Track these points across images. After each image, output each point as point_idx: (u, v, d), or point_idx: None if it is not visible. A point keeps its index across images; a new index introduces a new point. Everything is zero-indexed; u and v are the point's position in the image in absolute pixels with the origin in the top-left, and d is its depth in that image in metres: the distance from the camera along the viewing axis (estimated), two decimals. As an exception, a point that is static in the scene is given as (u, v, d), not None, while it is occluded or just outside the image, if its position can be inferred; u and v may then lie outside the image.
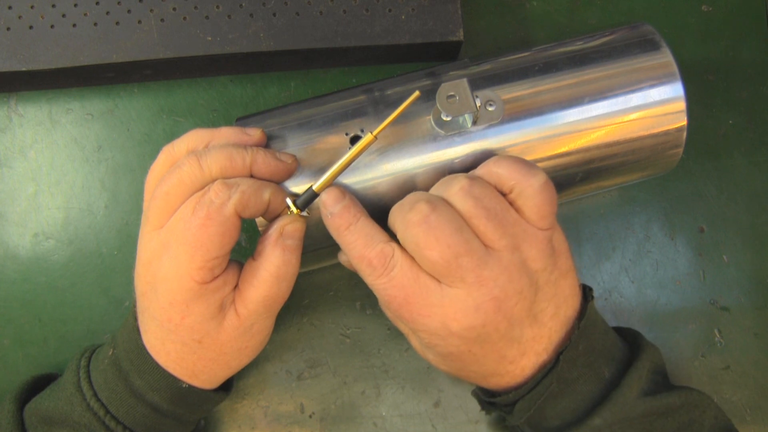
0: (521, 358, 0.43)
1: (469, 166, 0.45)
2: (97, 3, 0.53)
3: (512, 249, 0.40)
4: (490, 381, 0.44)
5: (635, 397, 0.43)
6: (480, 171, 0.43)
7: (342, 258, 0.47)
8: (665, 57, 0.47)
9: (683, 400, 0.44)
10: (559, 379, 0.43)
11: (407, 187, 0.45)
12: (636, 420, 0.43)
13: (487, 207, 0.40)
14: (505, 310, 0.40)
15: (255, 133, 0.44)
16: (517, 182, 0.41)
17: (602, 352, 0.45)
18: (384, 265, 0.41)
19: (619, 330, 0.49)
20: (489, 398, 0.47)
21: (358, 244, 0.42)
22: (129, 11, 0.53)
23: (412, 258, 0.41)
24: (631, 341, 0.48)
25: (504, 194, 0.42)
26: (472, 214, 0.40)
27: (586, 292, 0.46)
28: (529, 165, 0.42)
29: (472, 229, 0.40)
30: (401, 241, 0.41)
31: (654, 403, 0.43)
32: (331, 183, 0.42)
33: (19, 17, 0.52)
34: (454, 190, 0.41)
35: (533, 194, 0.41)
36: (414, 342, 0.46)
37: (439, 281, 0.40)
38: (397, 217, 0.42)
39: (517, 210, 0.42)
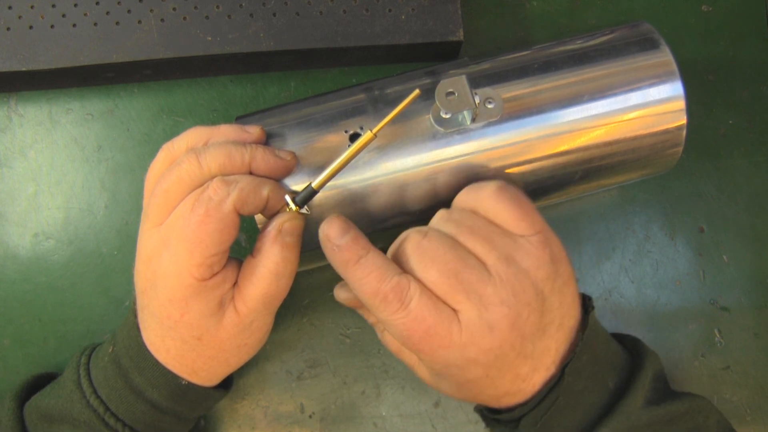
0: (533, 374, 0.42)
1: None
2: (97, 3, 0.53)
3: (505, 260, 0.39)
4: (503, 401, 0.43)
5: (640, 407, 0.43)
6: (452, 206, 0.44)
7: (341, 296, 0.47)
8: (665, 55, 0.47)
9: (687, 407, 0.44)
10: (565, 392, 0.42)
11: (406, 184, 0.45)
12: (642, 429, 0.42)
13: (468, 225, 0.41)
14: (519, 325, 0.39)
15: (254, 131, 0.44)
16: (475, 201, 0.42)
17: (605, 362, 0.45)
18: (401, 298, 0.39)
19: (618, 337, 0.49)
20: (493, 415, 0.46)
21: (370, 278, 0.39)
22: (129, 11, 0.53)
23: (427, 288, 0.39)
24: (631, 348, 0.48)
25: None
26: (455, 233, 0.40)
27: (586, 302, 0.45)
28: (478, 183, 0.43)
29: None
30: (410, 273, 0.40)
31: (659, 411, 0.43)
32: (330, 180, 0.42)
33: (19, 17, 0.52)
34: (434, 220, 0.42)
35: (493, 204, 0.41)
36: (422, 373, 0.45)
37: (450, 306, 0.39)
38: (396, 255, 0.42)
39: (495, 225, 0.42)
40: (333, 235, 0.40)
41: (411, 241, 0.40)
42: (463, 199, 0.43)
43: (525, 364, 0.41)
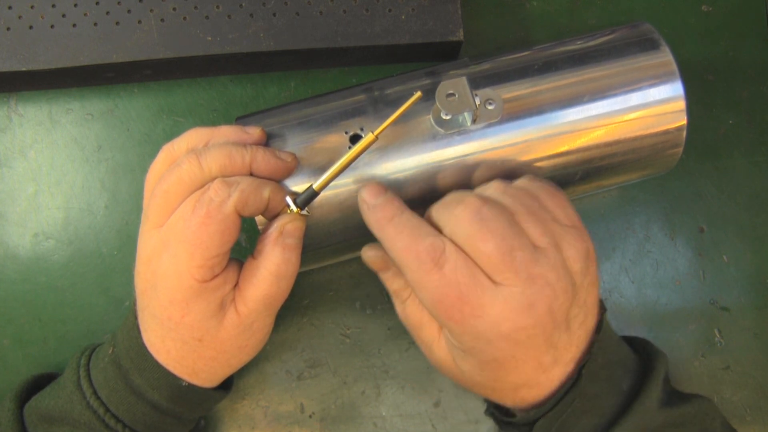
0: (554, 366, 0.41)
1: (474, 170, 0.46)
2: (97, 3, 0.53)
3: (554, 247, 0.40)
4: (519, 393, 0.42)
5: (655, 408, 0.42)
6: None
7: (368, 253, 0.46)
8: (665, 56, 0.47)
9: (697, 409, 0.44)
10: (581, 395, 0.42)
11: (407, 185, 0.45)
12: (656, 431, 0.42)
13: (527, 204, 0.40)
14: (554, 310, 0.39)
15: (255, 132, 0.44)
16: (531, 184, 0.42)
17: (619, 364, 0.44)
18: (435, 259, 0.38)
19: (627, 339, 0.49)
20: (506, 417, 0.46)
21: (404, 236, 0.39)
22: (129, 11, 0.53)
23: (465, 253, 0.39)
24: (640, 350, 0.48)
25: None
26: (514, 210, 0.40)
27: (600, 304, 0.45)
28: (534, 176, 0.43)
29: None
30: (450, 237, 0.40)
31: (672, 413, 0.43)
32: (331, 182, 0.42)
33: (19, 17, 0.52)
34: (491, 190, 0.41)
35: (549, 190, 0.42)
36: (438, 353, 0.44)
37: (491, 278, 0.39)
38: (442, 212, 0.41)
39: None
40: (368, 197, 0.41)
41: (470, 206, 0.39)
42: (518, 184, 0.43)
43: (549, 353, 0.40)
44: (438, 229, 0.41)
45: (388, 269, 0.46)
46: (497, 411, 0.47)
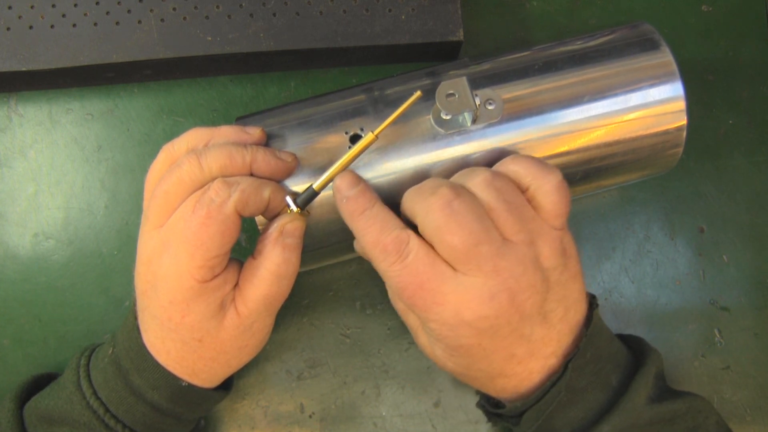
0: (529, 359, 0.42)
1: (475, 164, 0.45)
2: (97, 3, 0.53)
3: (528, 243, 0.40)
4: (497, 383, 0.44)
5: (643, 404, 0.43)
6: (498, 168, 0.43)
7: (357, 245, 0.47)
8: (665, 56, 0.47)
9: (688, 406, 0.44)
10: (568, 388, 0.43)
11: (407, 185, 0.45)
12: (644, 427, 0.43)
13: (508, 200, 0.41)
14: (518, 302, 0.40)
15: (255, 132, 0.44)
16: (534, 179, 0.42)
17: (609, 360, 0.45)
18: (399, 251, 0.40)
19: (622, 338, 0.49)
20: (495, 409, 0.47)
21: (372, 229, 0.41)
22: (129, 11, 0.53)
23: (428, 245, 0.40)
24: (634, 347, 0.48)
25: (521, 191, 0.42)
26: (493, 205, 0.40)
27: (590, 300, 0.45)
28: (546, 164, 0.42)
29: (492, 220, 0.40)
30: (420, 225, 0.41)
31: (661, 410, 0.43)
32: (331, 182, 0.42)
33: (19, 17, 0.52)
34: (477, 180, 0.41)
35: (550, 191, 0.41)
36: (421, 339, 0.45)
37: (454, 269, 0.40)
38: (415, 200, 0.42)
39: (534, 207, 0.42)
40: (343, 187, 0.42)
41: (441, 198, 0.40)
42: (520, 170, 0.42)
43: (521, 345, 0.41)
44: (411, 214, 0.42)
45: None
46: (487, 403, 0.48)
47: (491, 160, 0.45)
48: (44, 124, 0.57)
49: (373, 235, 0.41)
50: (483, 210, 0.40)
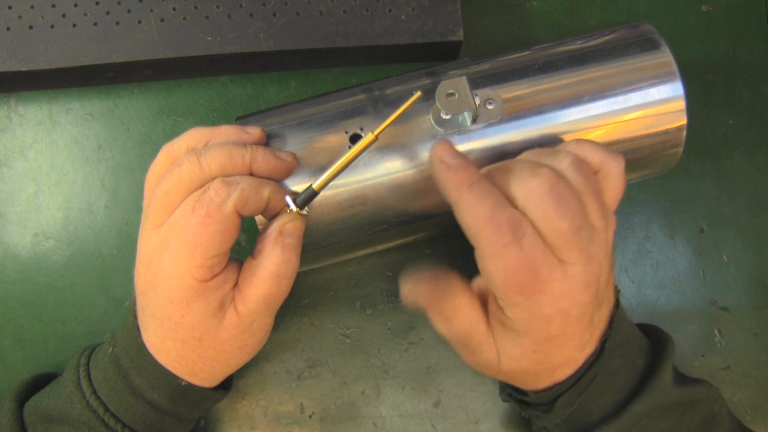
0: (588, 344, 0.42)
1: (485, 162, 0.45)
2: (97, 3, 0.53)
3: (604, 228, 0.40)
4: (557, 373, 0.43)
5: (670, 385, 0.44)
6: (569, 150, 0.43)
7: (410, 293, 0.43)
8: (665, 56, 0.47)
9: (707, 392, 0.46)
10: (603, 371, 0.43)
11: (407, 185, 0.45)
12: (670, 408, 0.43)
13: (593, 186, 0.40)
14: (601, 288, 0.40)
15: (255, 132, 0.44)
16: (603, 163, 0.41)
17: (634, 343, 0.46)
18: (515, 230, 0.37)
19: (639, 326, 0.50)
20: (524, 397, 0.46)
21: (485, 204, 0.38)
22: (129, 11, 0.53)
23: (546, 232, 0.38)
24: (651, 334, 0.49)
25: None
26: (582, 190, 0.40)
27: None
28: (611, 149, 0.42)
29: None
30: (522, 208, 0.39)
31: (685, 392, 0.44)
32: (331, 182, 0.42)
33: (19, 17, 0.52)
34: (565, 164, 0.40)
35: (618, 176, 0.41)
36: (485, 352, 0.42)
37: (556, 255, 0.38)
38: (513, 182, 0.39)
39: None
40: (445, 155, 0.40)
41: (546, 180, 0.38)
42: (589, 155, 0.42)
43: (587, 331, 0.41)
44: (512, 195, 0.39)
45: (433, 307, 0.43)
46: (514, 391, 0.48)
47: (491, 159, 0.45)
48: (44, 124, 0.57)
49: (487, 210, 0.38)
50: (579, 194, 0.39)
